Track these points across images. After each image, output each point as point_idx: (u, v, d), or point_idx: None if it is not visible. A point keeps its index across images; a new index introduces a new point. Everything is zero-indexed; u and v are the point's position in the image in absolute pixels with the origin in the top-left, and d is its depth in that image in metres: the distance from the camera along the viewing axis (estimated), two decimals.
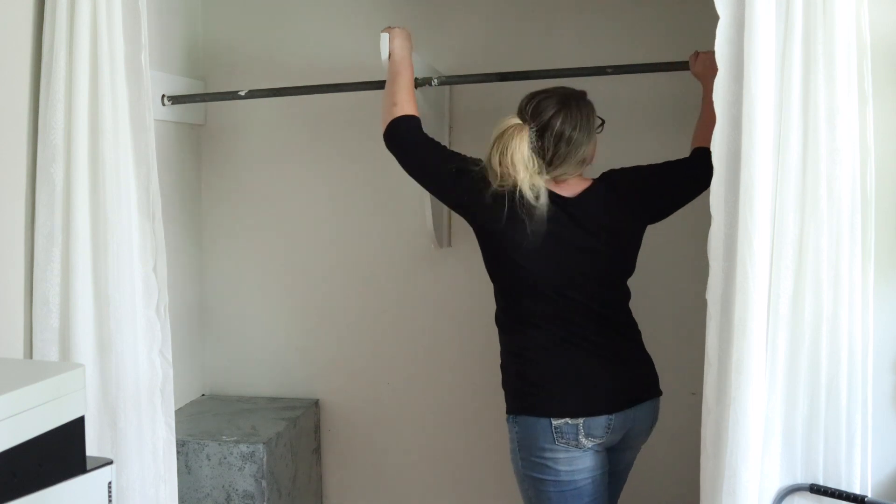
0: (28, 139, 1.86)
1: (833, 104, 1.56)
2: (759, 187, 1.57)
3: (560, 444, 1.82)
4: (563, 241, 1.83)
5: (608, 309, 1.89)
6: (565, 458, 1.82)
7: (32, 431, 1.35)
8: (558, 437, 1.81)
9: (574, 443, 1.82)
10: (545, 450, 1.83)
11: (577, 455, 1.83)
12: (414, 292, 2.72)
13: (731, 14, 1.61)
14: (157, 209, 1.94)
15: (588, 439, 1.82)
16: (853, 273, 1.59)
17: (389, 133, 1.97)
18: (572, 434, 1.81)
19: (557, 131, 1.82)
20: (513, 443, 1.90)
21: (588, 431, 1.82)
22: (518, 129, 1.80)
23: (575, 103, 1.86)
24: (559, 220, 1.82)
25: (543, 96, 1.86)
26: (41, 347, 1.85)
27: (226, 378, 2.84)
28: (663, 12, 2.46)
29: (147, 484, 1.92)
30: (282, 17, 2.74)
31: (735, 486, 1.60)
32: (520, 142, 1.78)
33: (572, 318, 1.85)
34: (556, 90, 1.88)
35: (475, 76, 2.37)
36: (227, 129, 2.80)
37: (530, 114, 1.83)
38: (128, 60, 1.87)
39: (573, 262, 1.85)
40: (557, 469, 1.83)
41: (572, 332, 1.85)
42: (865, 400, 1.62)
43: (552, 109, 1.83)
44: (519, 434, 1.87)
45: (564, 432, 1.81)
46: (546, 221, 1.80)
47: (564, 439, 1.82)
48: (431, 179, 1.94)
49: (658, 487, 2.51)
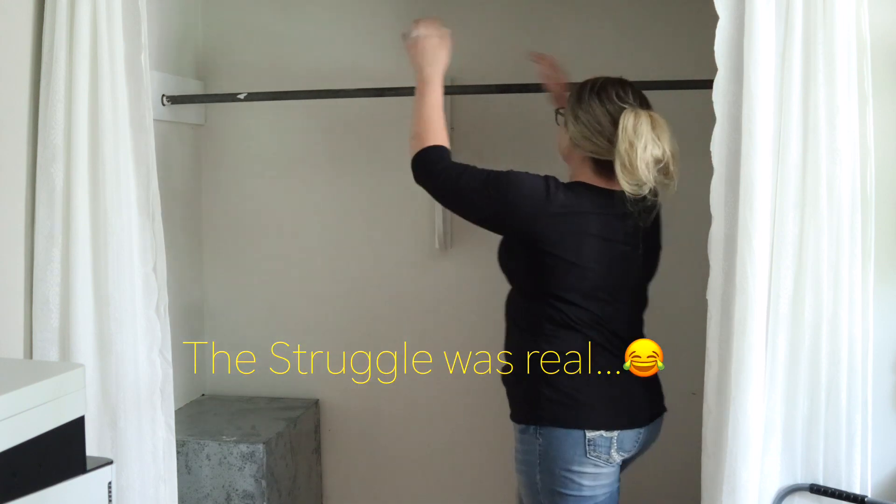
0: (28, 139, 1.86)
1: (833, 104, 1.56)
2: (758, 187, 1.57)
3: (591, 458, 1.73)
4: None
5: (638, 315, 1.89)
6: (593, 472, 1.74)
7: (32, 431, 1.34)
8: (590, 450, 1.73)
9: (605, 457, 1.75)
10: (573, 463, 1.73)
11: (604, 470, 1.76)
12: (414, 293, 2.72)
13: (731, 14, 1.61)
14: (157, 209, 1.93)
15: (619, 453, 1.76)
16: (853, 273, 1.59)
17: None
18: (605, 448, 1.74)
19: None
20: (531, 455, 1.78)
21: (620, 445, 1.76)
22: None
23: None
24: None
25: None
26: (41, 347, 1.85)
27: (226, 378, 2.84)
28: (668, 25, 2.46)
29: (147, 484, 1.92)
30: (282, 18, 2.74)
31: (735, 485, 1.60)
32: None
33: (610, 323, 1.79)
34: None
35: (475, 87, 2.37)
36: (227, 130, 2.80)
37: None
38: (128, 60, 1.87)
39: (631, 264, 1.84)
40: (582, 484, 1.74)
41: (608, 339, 1.78)
42: (865, 400, 1.62)
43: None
44: (543, 447, 1.76)
45: (598, 445, 1.74)
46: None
47: (596, 453, 1.74)
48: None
49: (658, 487, 2.51)
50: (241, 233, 2.82)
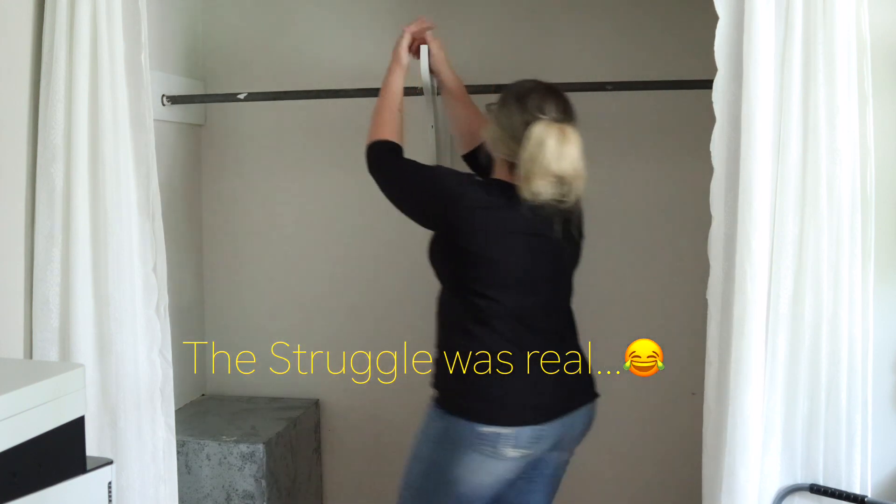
0: (28, 139, 1.86)
1: (833, 104, 1.56)
2: (758, 187, 1.57)
3: (482, 450, 1.76)
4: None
5: (562, 305, 1.90)
6: (478, 464, 1.77)
7: (32, 431, 1.34)
8: (482, 443, 1.75)
9: (495, 450, 1.76)
10: (464, 452, 1.77)
11: (495, 463, 1.77)
12: (414, 292, 2.71)
13: (731, 14, 1.61)
14: (157, 209, 1.93)
15: (516, 449, 1.77)
16: (853, 273, 1.59)
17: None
18: (499, 443, 1.75)
19: None
20: (430, 430, 1.85)
21: (517, 442, 1.76)
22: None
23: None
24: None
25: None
26: (41, 347, 1.85)
27: (226, 378, 2.84)
28: (668, 25, 2.46)
29: (147, 484, 1.92)
30: (283, 18, 2.74)
31: (735, 486, 1.60)
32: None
33: (525, 318, 1.82)
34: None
35: (475, 87, 2.36)
36: (227, 130, 2.80)
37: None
38: (128, 60, 1.87)
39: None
40: (464, 475, 1.79)
41: (520, 335, 1.81)
42: (865, 400, 1.62)
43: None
44: (441, 429, 1.82)
45: (489, 439, 1.75)
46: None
47: (489, 447, 1.75)
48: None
49: (658, 487, 2.51)
50: (241, 233, 2.82)
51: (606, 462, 2.59)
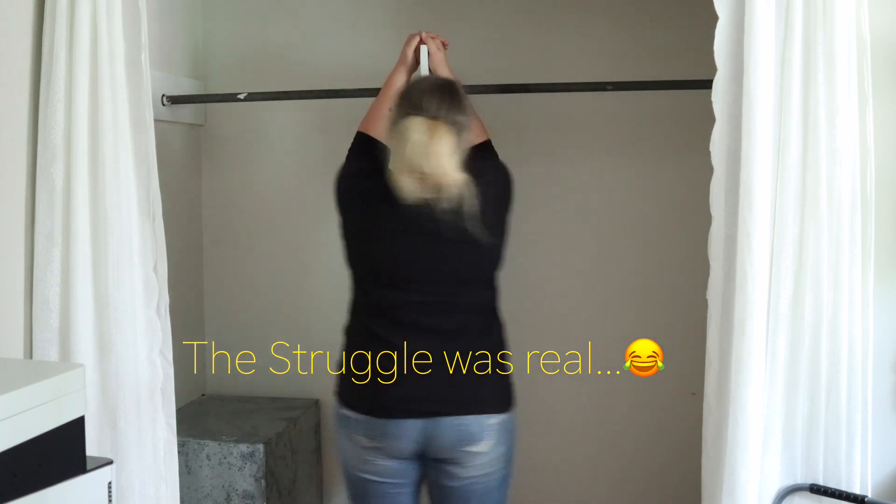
0: (28, 139, 1.86)
1: (833, 104, 1.56)
2: (758, 187, 1.57)
3: (342, 430, 1.87)
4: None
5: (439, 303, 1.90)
6: (344, 443, 1.88)
7: (32, 431, 1.34)
8: (342, 423, 1.87)
9: (350, 435, 1.85)
10: (338, 430, 1.91)
11: (352, 448, 1.86)
12: None
13: (731, 14, 1.61)
14: (157, 209, 1.93)
15: (367, 438, 1.82)
16: (853, 273, 1.59)
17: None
18: (350, 426, 1.85)
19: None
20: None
21: (367, 431, 1.82)
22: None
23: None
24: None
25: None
26: (41, 347, 1.85)
27: (226, 378, 2.84)
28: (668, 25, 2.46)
29: (147, 484, 1.92)
30: (283, 18, 2.75)
31: (735, 485, 1.60)
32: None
33: (390, 310, 1.88)
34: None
35: (475, 87, 2.37)
36: (228, 130, 2.80)
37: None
38: (128, 60, 1.86)
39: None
40: (341, 446, 1.90)
41: (383, 325, 1.88)
42: (865, 400, 1.62)
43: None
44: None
45: (345, 421, 1.86)
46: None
47: (345, 428, 1.86)
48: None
49: (658, 487, 2.51)
50: (241, 233, 2.82)
51: (607, 462, 2.59)
